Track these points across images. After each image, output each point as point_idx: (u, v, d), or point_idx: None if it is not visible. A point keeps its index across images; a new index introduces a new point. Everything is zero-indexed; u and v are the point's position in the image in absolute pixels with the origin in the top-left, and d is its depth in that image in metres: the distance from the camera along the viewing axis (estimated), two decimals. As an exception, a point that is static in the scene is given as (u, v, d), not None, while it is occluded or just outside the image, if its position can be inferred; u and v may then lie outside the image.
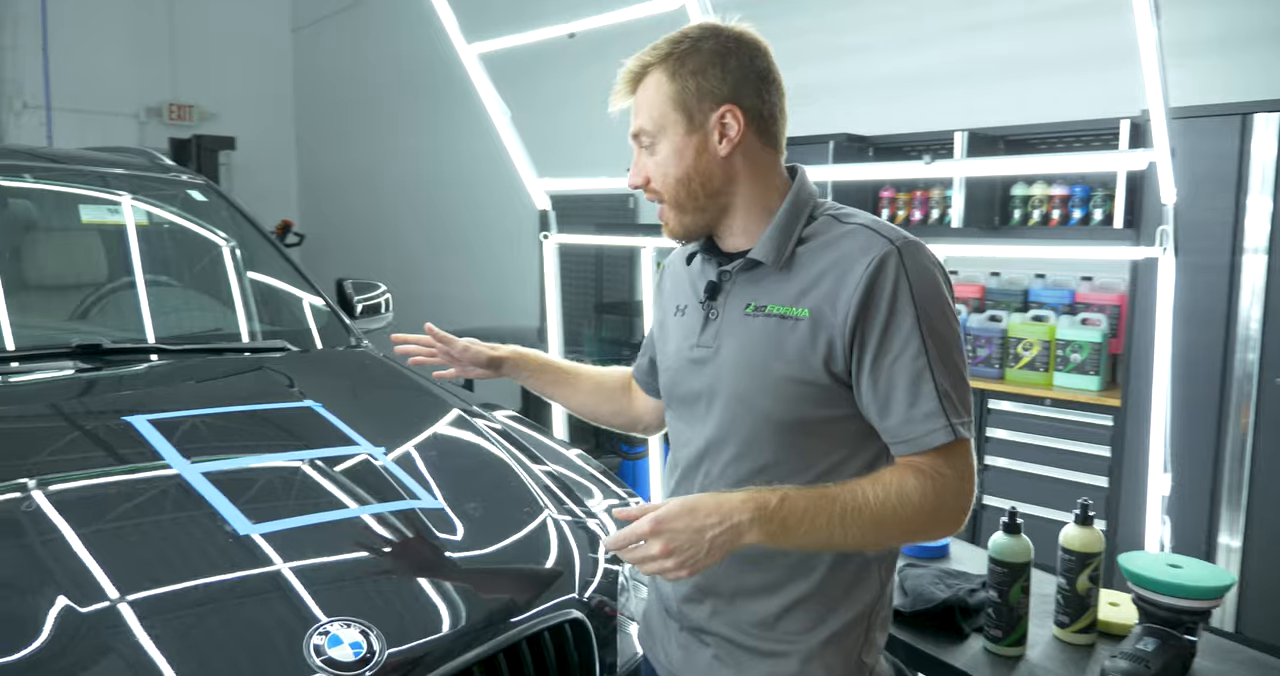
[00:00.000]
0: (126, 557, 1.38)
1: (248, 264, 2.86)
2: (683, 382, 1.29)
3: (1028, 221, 3.90)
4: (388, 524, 1.58)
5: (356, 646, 1.29)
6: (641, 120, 1.23)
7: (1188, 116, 3.08)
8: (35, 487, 1.54)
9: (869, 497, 1.10)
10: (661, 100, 1.21)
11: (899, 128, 4.29)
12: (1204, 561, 1.48)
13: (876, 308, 1.13)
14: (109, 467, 1.67)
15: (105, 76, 7.70)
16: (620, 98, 1.26)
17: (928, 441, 1.13)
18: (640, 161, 1.25)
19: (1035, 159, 3.22)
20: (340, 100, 8.41)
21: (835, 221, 1.22)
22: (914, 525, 1.13)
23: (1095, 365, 3.59)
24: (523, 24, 3.57)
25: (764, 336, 1.19)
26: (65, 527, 1.43)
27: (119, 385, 2.13)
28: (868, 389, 1.15)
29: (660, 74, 1.21)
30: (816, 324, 1.16)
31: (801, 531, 1.09)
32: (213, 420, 1.90)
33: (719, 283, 1.26)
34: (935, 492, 1.12)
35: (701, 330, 1.26)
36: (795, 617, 1.21)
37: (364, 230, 8.27)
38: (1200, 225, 3.06)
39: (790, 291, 1.19)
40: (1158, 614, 1.43)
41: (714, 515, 1.07)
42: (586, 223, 5.64)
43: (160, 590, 1.33)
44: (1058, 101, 3.87)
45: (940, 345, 1.13)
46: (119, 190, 2.77)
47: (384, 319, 3.15)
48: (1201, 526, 3.21)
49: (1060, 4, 3.89)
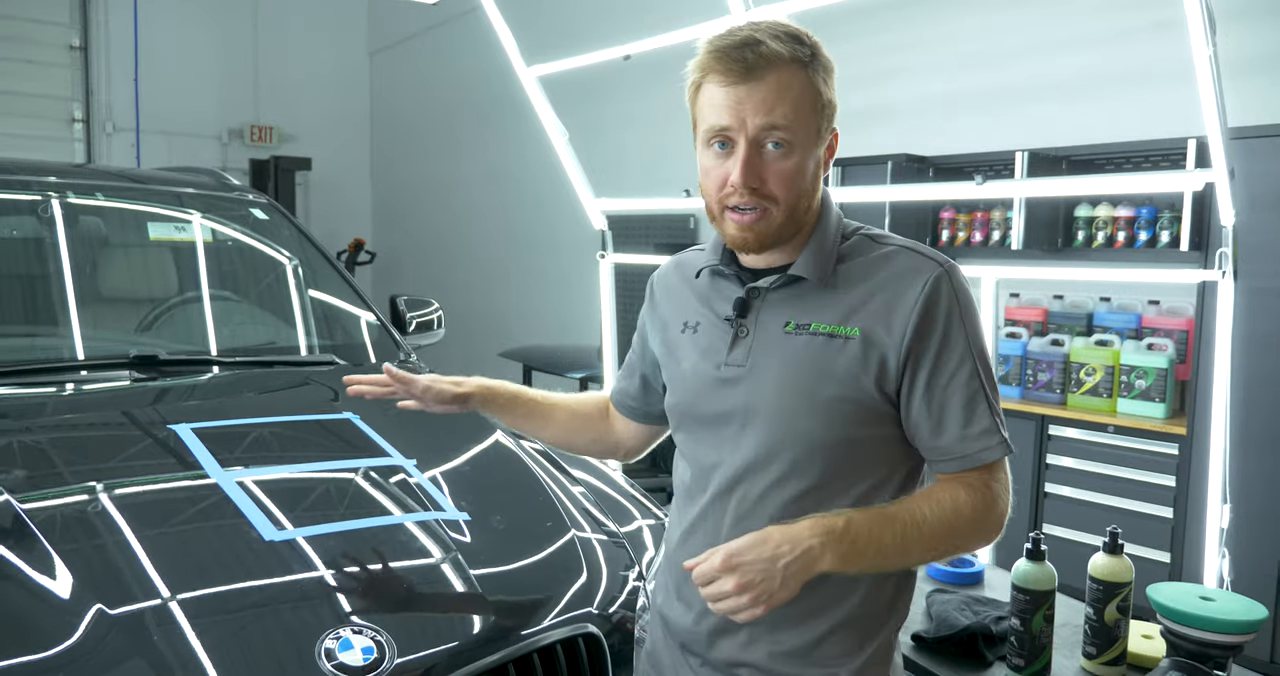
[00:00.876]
0: (152, 561, 1.44)
1: (305, 280, 2.96)
2: (705, 403, 1.24)
3: (1091, 243, 3.80)
4: (408, 533, 1.62)
5: (368, 651, 1.32)
6: (780, 117, 1.11)
7: (1255, 136, 2.98)
8: (81, 491, 1.61)
9: (926, 514, 1.12)
10: (808, 103, 1.13)
11: (960, 148, 4.23)
12: (1237, 595, 1.42)
13: (932, 328, 1.14)
14: (149, 473, 1.74)
15: (191, 100, 8.07)
16: (737, 73, 1.11)
17: (984, 457, 1.15)
18: (755, 159, 1.13)
19: (1091, 179, 3.15)
20: (412, 122, 8.64)
21: (872, 242, 1.22)
22: (962, 538, 1.16)
23: (1161, 392, 3.47)
24: (581, 47, 3.64)
25: (809, 355, 1.16)
26: (97, 531, 1.50)
27: (169, 395, 2.23)
28: (919, 408, 1.15)
29: (804, 72, 1.13)
30: (868, 343, 1.14)
31: (871, 553, 1.09)
32: (252, 429, 1.97)
33: (748, 299, 1.23)
34: (985, 506, 1.14)
35: (730, 348, 1.22)
36: (836, 642, 1.19)
37: (433, 248, 8.46)
38: (1268, 247, 2.95)
39: (836, 310, 1.17)
40: (1186, 647, 1.37)
41: (785, 543, 1.06)
42: (647, 242, 5.69)
43: (182, 593, 1.38)
44: (1123, 121, 3.77)
45: (986, 365, 1.17)
46: (186, 209, 2.90)
47: (436, 335, 3.21)
48: (1272, 559, 3.07)
49: (1125, 23, 3.80)
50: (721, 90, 1.12)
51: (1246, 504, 2.90)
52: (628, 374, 1.48)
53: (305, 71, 8.59)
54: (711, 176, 1.17)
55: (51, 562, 1.41)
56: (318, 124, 8.70)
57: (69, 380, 2.19)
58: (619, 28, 5.58)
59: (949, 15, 4.40)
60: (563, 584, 1.62)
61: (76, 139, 7.82)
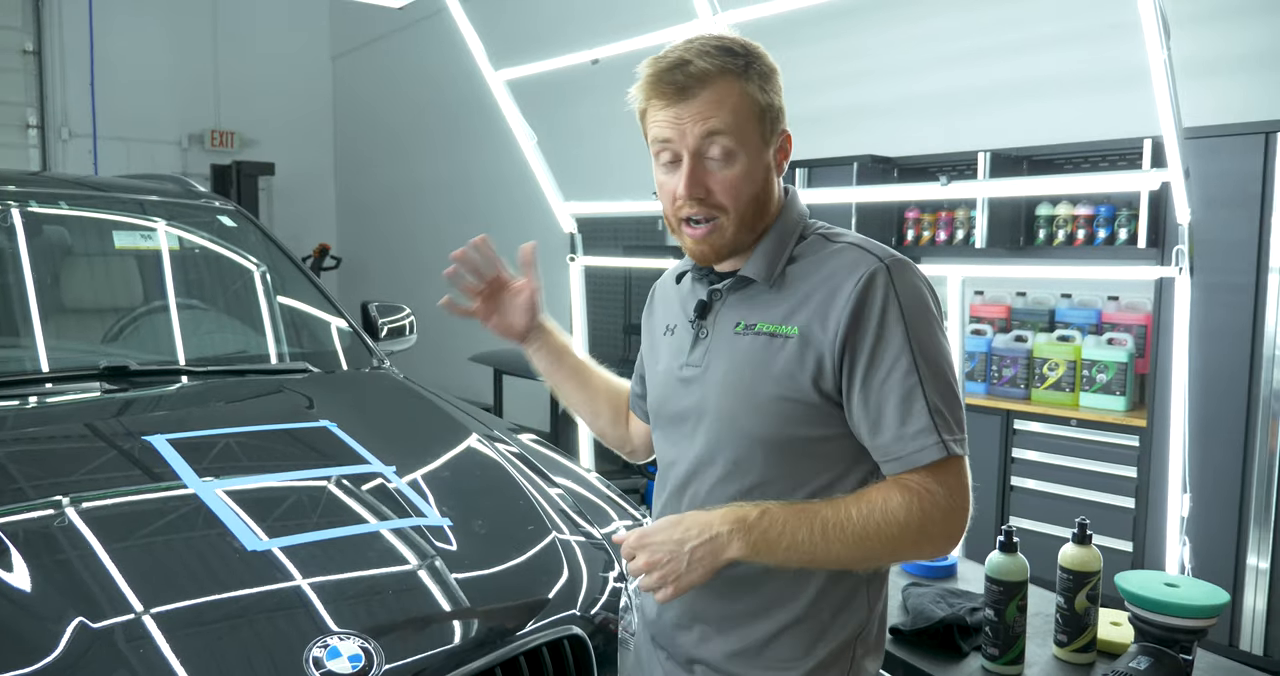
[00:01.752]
0: (134, 572, 1.43)
1: (275, 288, 2.94)
2: (671, 402, 1.28)
3: (1052, 241, 3.88)
4: (391, 541, 1.62)
5: (355, 659, 1.33)
6: (719, 127, 1.14)
7: (1212, 135, 3.07)
8: (55, 505, 1.60)
9: (851, 513, 1.10)
10: (746, 110, 1.15)
11: (924, 149, 4.30)
12: (1200, 581, 1.47)
13: (866, 325, 1.13)
14: (126, 485, 1.73)
15: (149, 104, 7.96)
16: (671, 95, 1.15)
17: (919, 458, 1.12)
18: (699, 170, 1.16)
19: (1053, 179, 3.22)
20: (376, 126, 8.59)
21: (825, 240, 1.23)
22: (902, 543, 1.12)
23: (1122, 385, 3.55)
24: (547, 49, 3.65)
25: (752, 355, 1.18)
26: (78, 544, 1.49)
27: (142, 406, 2.21)
28: (858, 406, 1.15)
29: (738, 82, 1.15)
30: (805, 342, 1.15)
31: (783, 545, 1.10)
32: (228, 439, 1.96)
33: (709, 301, 1.26)
34: (922, 510, 1.11)
35: (691, 349, 1.26)
36: (784, 644, 1.20)
37: (399, 252, 8.41)
38: (1223, 244, 3.03)
39: (780, 310, 1.19)
40: (1153, 632, 1.42)
41: (694, 528, 1.10)
42: (615, 245, 5.71)
43: (167, 605, 1.38)
44: (1082, 122, 3.86)
45: (931, 362, 1.13)
46: (151, 216, 2.87)
47: (408, 341, 3.20)
48: (1229, 548, 3.16)
49: (1084, 25, 3.88)
50: (661, 111, 1.16)
51: (1204, 493, 2.98)
52: (638, 377, 1.51)
53: (266, 75, 8.50)
54: (664, 191, 1.21)
55: (30, 576, 1.40)
56: (280, 128, 8.62)
57: (37, 393, 2.17)
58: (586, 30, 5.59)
59: (911, 19, 4.47)
60: (546, 587, 1.63)
61: (31, 145, 7.68)
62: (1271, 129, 3.06)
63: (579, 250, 4.01)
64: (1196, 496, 2.54)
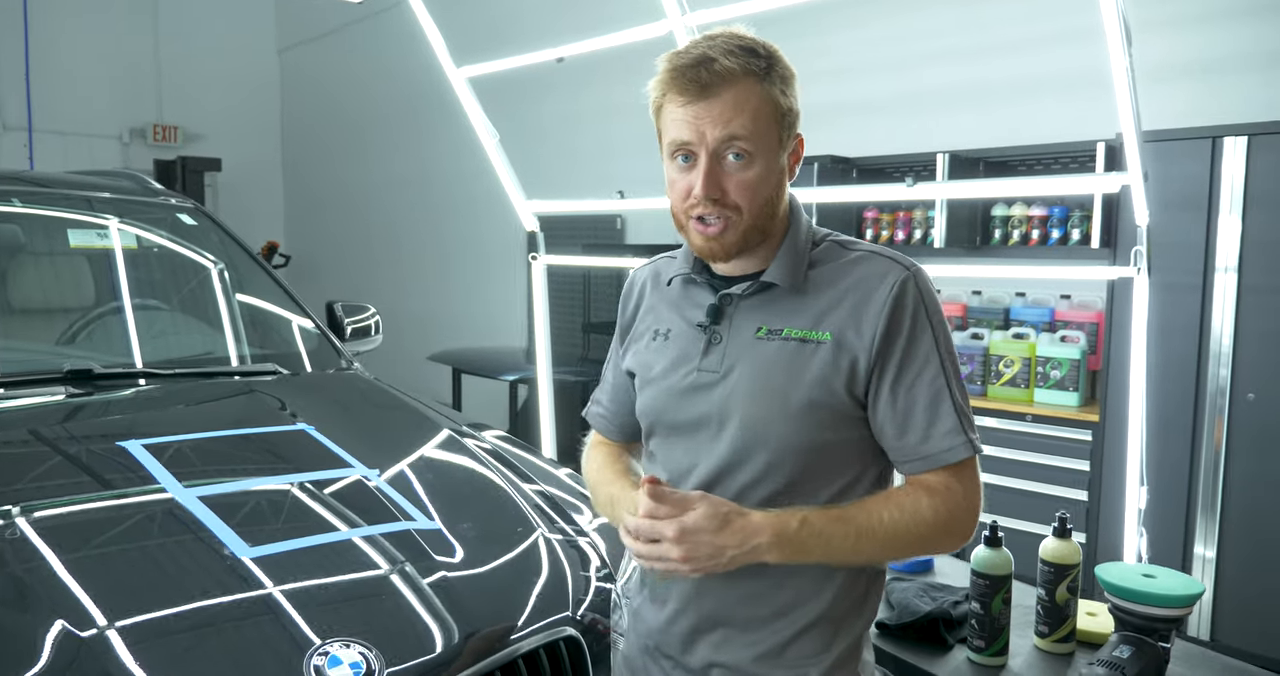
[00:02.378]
0: (126, 582, 1.40)
1: (238, 288, 2.88)
2: (678, 409, 1.25)
3: (1008, 241, 3.98)
4: (383, 545, 1.61)
5: (356, 666, 1.32)
6: (739, 132, 1.14)
7: (1161, 140, 3.17)
8: (32, 513, 1.56)
9: (883, 518, 1.13)
10: (766, 114, 1.16)
11: (882, 150, 4.37)
12: (1176, 571, 1.53)
13: (900, 330, 1.16)
14: (105, 492, 1.68)
15: (88, 97, 7.72)
16: (693, 92, 1.14)
17: (947, 457, 1.15)
18: (716, 170, 1.15)
19: (1016, 181, 3.29)
20: (327, 122, 8.45)
21: (841, 248, 1.25)
22: (926, 541, 1.17)
23: (1074, 381, 3.66)
24: (512, 48, 3.62)
25: (781, 360, 1.18)
26: (61, 553, 1.45)
27: (112, 410, 2.15)
28: (885, 408, 1.17)
29: (761, 84, 1.15)
30: (839, 347, 1.16)
31: (817, 553, 1.13)
32: (206, 444, 1.92)
33: (721, 306, 1.24)
34: (947, 509, 1.15)
35: (704, 354, 1.23)
36: (806, 641, 1.20)
37: (351, 251, 8.30)
38: (1173, 245, 3.14)
39: (807, 315, 1.19)
40: (1133, 622, 1.48)
41: (737, 535, 1.10)
42: (573, 243, 5.69)
43: (160, 613, 1.35)
44: (1036, 124, 3.97)
45: (953, 364, 1.18)
46: (108, 214, 2.79)
47: (374, 341, 3.17)
48: (1178, 537, 3.28)
49: (1039, 30, 3.99)
50: (680, 108, 1.15)
51: (1154, 485, 3.09)
52: (611, 396, 1.44)
53: (210, 68, 8.30)
54: (676, 188, 1.19)
55: (21, 586, 1.36)
56: (224, 123, 8.43)
57: (0, 397, 2.10)
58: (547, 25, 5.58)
59: (869, 21, 4.54)
60: (538, 588, 1.63)
61: (-39, 139, 7.42)
62: (1219, 134, 3.18)
63: (541, 249, 3.99)
64: (1149, 488, 2.62)
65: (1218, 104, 3.44)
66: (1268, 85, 3.41)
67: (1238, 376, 3.17)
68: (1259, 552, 3.14)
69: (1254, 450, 3.15)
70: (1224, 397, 3.20)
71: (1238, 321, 3.16)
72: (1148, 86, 2.43)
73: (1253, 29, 3.47)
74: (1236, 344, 3.16)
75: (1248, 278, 3.13)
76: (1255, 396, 3.14)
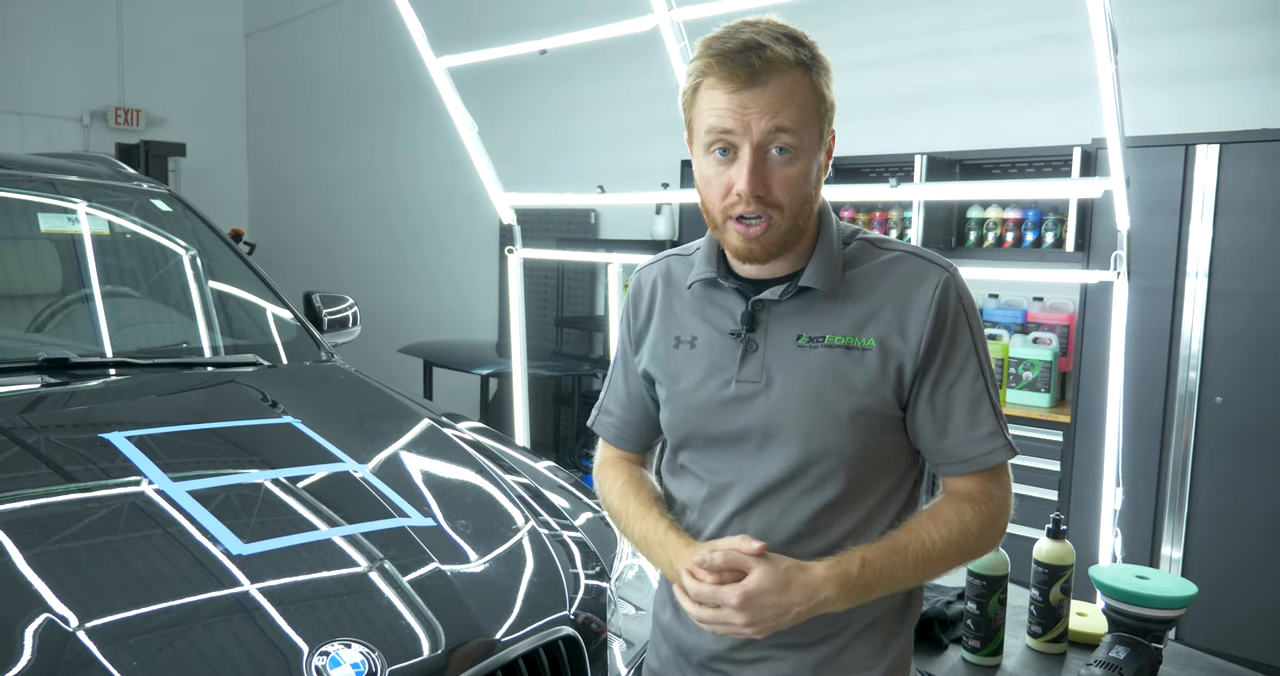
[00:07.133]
0: (118, 580, 1.36)
1: (214, 276, 2.82)
2: (717, 422, 1.19)
3: (983, 243, 4.03)
4: (380, 543, 1.58)
5: (357, 666, 1.29)
6: (786, 124, 1.08)
7: (1134, 146, 3.21)
8: (14, 506, 1.51)
9: (935, 539, 1.12)
10: (811, 107, 1.10)
11: (860, 150, 4.40)
12: (1168, 573, 1.56)
13: (942, 332, 1.14)
14: (91, 485, 1.64)
15: (47, 78, 7.51)
16: (742, 79, 1.07)
17: (988, 460, 1.15)
18: (760, 165, 1.09)
19: (1000, 184, 3.32)
20: (295, 108, 8.31)
21: (874, 246, 1.20)
22: (972, 552, 1.17)
23: (1046, 383, 3.72)
24: (488, 37, 3.58)
25: (827, 369, 1.14)
26: (45, 549, 1.41)
27: (91, 400, 2.09)
28: (924, 411, 1.15)
29: (807, 75, 1.10)
30: (885, 353, 1.13)
31: (880, 589, 1.11)
32: (191, 437, 1.88)
33: (754, 312, 1.18)
34: (990, 516, 1.15)
35: (741, 364, 1.17)
36: (862, 645, 1.19)
37: (319, 240, 8.17)
38: (1145, 250, 3.19)
39: (848, 320, 1.15)
40: (1127, 623, 1.50)
41: (801, 592, 1.07)
42: (547, 237, 5.66)
43: (155, 608, 1.32)
44: (1013, 128, 4.01)
45: (989, 367, 1.16)
46: (79, 199, 2.72)
47: (352, 333, 3.12)
48: (1146, 538, 3.34)
49: (1019, 35, 4.03)
50: (725, 95, 1.08)
51: (1131, 485, 3.14)
52: (623, 407, 1.37)
53: (174, 51, 8.11)
54: (714, 185, 1.12)
55: (11, 581, 1.32)
56: (188, 107, 8.25)
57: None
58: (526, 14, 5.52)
59: (851, 22, 4.55)
60: (537, 587, 1.62)
61: (-87, 118, 7.18)
62: (1191, 141, 3.24)
63: (518, 242, 3.95)
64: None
65: (1190, 112, 3.50)
66: (1239, 94, 3.48)
67: (1206, 380, 3.24)
68: (1226, 554, 3.22)
69: (1222, 453, 3.22)
70: (1193, 401, 3.26)
71: (1207, 325, 3.22)
72: (1132, 92, 2.46)
73: (1225, 39, 3.54)
74: (1206, 347, 3.23)
75: (1218, 282, 3.20)
76: (1223, 399, 3.21)
